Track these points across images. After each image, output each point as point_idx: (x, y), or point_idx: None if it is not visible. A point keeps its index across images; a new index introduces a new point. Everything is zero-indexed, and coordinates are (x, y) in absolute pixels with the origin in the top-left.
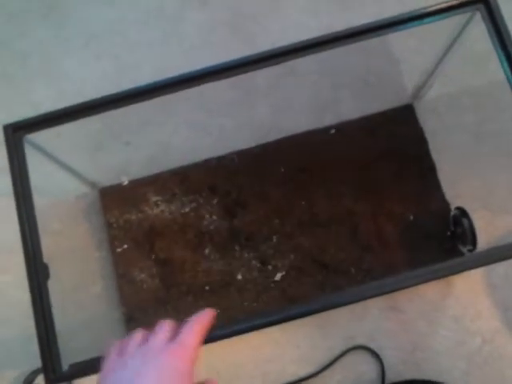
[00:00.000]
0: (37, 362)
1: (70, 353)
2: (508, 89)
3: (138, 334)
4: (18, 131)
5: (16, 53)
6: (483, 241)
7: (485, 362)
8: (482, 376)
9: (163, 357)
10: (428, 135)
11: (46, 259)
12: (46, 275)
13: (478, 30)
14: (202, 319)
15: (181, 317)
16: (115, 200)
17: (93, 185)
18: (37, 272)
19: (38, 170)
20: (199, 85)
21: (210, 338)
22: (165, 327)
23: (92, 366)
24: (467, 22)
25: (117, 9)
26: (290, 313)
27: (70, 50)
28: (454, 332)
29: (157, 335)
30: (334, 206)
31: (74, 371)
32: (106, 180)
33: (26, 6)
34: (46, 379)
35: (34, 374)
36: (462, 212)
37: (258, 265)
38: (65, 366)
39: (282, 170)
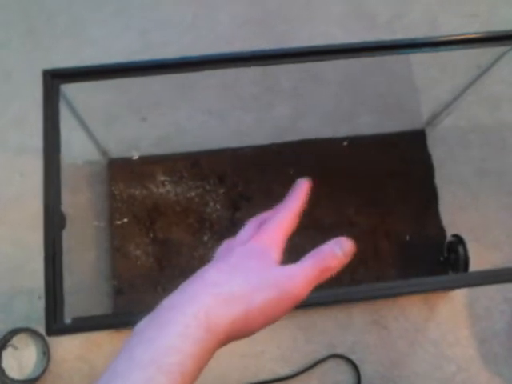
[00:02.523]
0: (16, 323)
1: None
2: None
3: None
4: (55, 79)
5: (44, 9)
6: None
7: None
8: None
9: (242, 246)
10: (435, 162)
11: None
12: (63, 225)
13: (502, 69)
14: (291, 204)
15: None
16: (122, 173)
17: (104, 153)
18: (54, 219)
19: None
20: (220, 68)
21: None
22: (251, 221)
23: (95, 323)
24: (498, 58)
25: None
26: None
27: (99, 16)
28: (432, 355)
29: (242, 229)
30: (336, 214)
31: (77, 325)
32: (117, 151)
33: None
34: (48, 329)
35: (11, 333)
36: (459, 239)
37: None
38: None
39: (292, 171)
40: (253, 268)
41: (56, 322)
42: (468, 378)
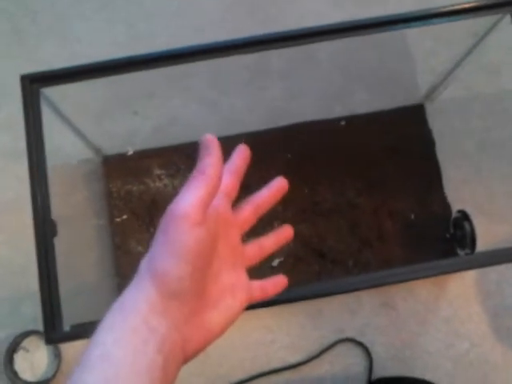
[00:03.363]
0: (25, 325)
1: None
2: None
3: None
4: (34, 83)
5: (27, 9)
6: (480, 247)
7: (470, 365)
8: (467, 378)
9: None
10: (436, 137)
11: None
12: (54, 232)
13: (499, 37)
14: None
15: None
16: (118, 169)
17: (97, 151)
18: (44, 228)
19: (46, 128)
20: (211, 58)
21: None
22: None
23: (95, 328)
24: (493, 26)
25: None
26: (285, 296)
27: (83, 13)
28: (444, 333)
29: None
30: (337, 197)
31: (76, 332)
32: (111, 148)
33: None
34: (47, 338)
35: (22, 336)
36: (464, 215)
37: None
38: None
39: (289, 155)
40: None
41: (55, 331)
42: (482, 353)
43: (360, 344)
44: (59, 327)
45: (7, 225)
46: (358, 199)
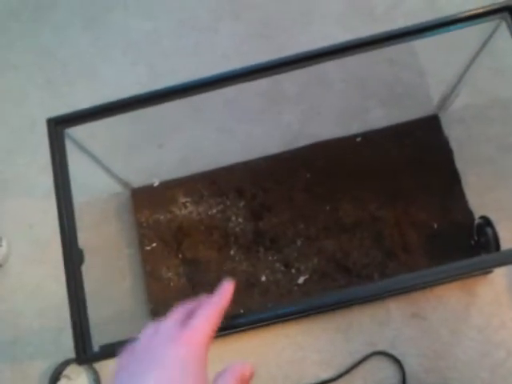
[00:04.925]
0: (66, 354)
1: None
2: None
3: (150, 325)
4: (59, 124)
5: (57, 60)
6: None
7: (509, 374)
8: None
9: (170, 346)
10: (453, 145)
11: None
12: (81, 259)
13: (505, 40)
14: (219, 300)
15: None
16: (146, 200)
17: (125, 185)
18: (72, 255)
19: (74, 166)
20: (227, 86)
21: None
22: (176, 312)
23: (121, 347)
24: (493, 32)
25: (153, 20)
26: (313, 305)
27: (108, 59)
28: (478, 342)
29: (166, 321)
30: (359, 212)
31: (105, 352)
32: (138, 180)
33: (69, 18)
34: (78, 359)
35: (64, 365)
36: (486, 221)
37: (282, 267)
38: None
39: (308, 175)
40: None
41: (85, 352)
42: None
43: (392, 357)
44: (89, 348)
45: (50, 259)
46: (379, 212)
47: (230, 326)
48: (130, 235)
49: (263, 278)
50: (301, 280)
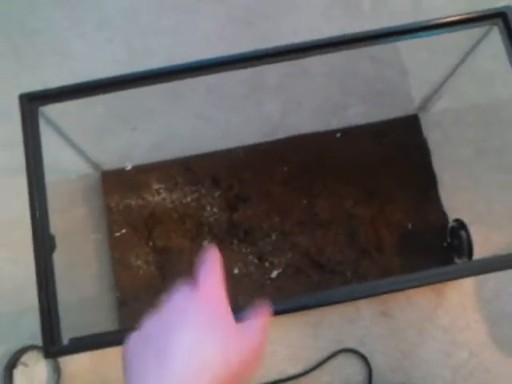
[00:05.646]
0: (24, 340)
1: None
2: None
3: (151, 314)
4: (33, 101)
5: (26, 29)
6: (478, 255)
7: (470, 375)
8: None
9: (188, 306)
10: (431, 147)
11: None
12: (53, 246)
13: (490, 47)
14: (212, 263)
15: None
16: (117, 184)
17: (96, 167)
18: (43, 242)
19: (44, 144)
20: (208, 74)
21: None
22: (177, 289)
23: (93, 342)
24: (483, 37)
25: None
26: (285, 307)
27: (81, 32)
28: (443, 343)
29: (173, 295)
30: (335, 208)
31: (75, 346)
32: (110, 163)
33: None
34: (46, 352)
35: (21, 352)
36: (461, 224)
37: (255, 260)
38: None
39: (286, 168)
40: (217, 325)
41: (53, 345)
42: (481, 362)
43: (359, 354)
44: (58, 341)
45: (10, 241)
46: (355, 209)
47: None
48: (98, 220)
49: (236, 271)
50: (274, 274)
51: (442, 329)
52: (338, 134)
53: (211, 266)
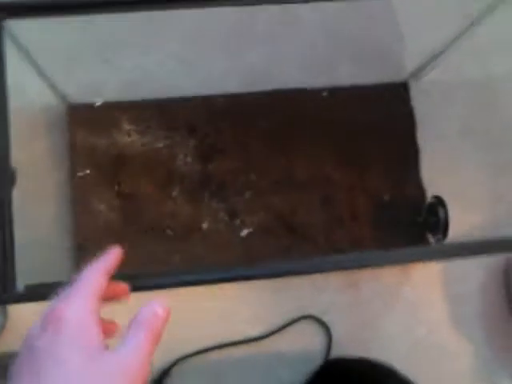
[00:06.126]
0: None
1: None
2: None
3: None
4: None
5: None
6: (450, 234)
7: (425, 351)
8: (420, 363)
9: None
10: (418, 117)
11: None
12: (13, 181)
13: (492, 23)
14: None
15: (135, 255)
16: (84, 120)
17: (63, 98)
18: (3, 175)
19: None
20: (190, 7)
21: (154, 285)
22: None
23: (51, 291)
24: (489, 11)
25: None
26: (249, 273)
27: None
28: (404, 318)
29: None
30: (313, 170)
31: (31, 294)
32: (78, 96)
33: None
34: None
35: None
36: (440, 201)
37: (226, 217)
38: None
39: (267, 123)
40: (80, 365)
41: (6, 292)
42: (438, 340)
43: (322, 322)
44: (12, 288)
45: None
46: (334, 174)
47: (146, 286)
48: (60, 157)
49: (204, 226)
50: (244, 233)
51: (406, 304)
52: (325, 93)
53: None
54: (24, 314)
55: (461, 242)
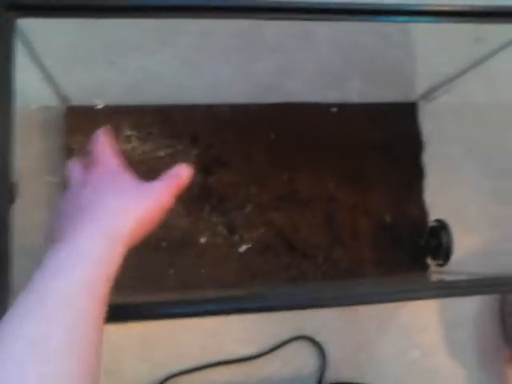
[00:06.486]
0: None
1: None
2: None
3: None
4: (11, 11)
5: None
6: None
7: (419, 375)
8: None
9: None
10: (425, 139)
11: None
12: (13, 198)
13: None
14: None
15: (129, 267)
16: (83, 123)
17: (62, 98)
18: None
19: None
20: (201, 18)
21: (157, 315)
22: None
23: None
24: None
25: None
26: (246, 306)
27: None
28: (399, 340)
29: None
30: (316, 188)
31: None
32: (78, 98)
33: None
34: None
35: None
36: (443, 225)
37: (225, 231)
38: None
39: (272, 136)
40: (124, 184)
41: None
42: (431, 364)
43: (316, 343)
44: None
45: None
46: (337, 193)
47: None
48: (55, 161)
49: (202, 240)
50: (242, 248)
51: (401, 327)
52: (334, 109)
53: (104, 140)
54: None
55: (460, 281)
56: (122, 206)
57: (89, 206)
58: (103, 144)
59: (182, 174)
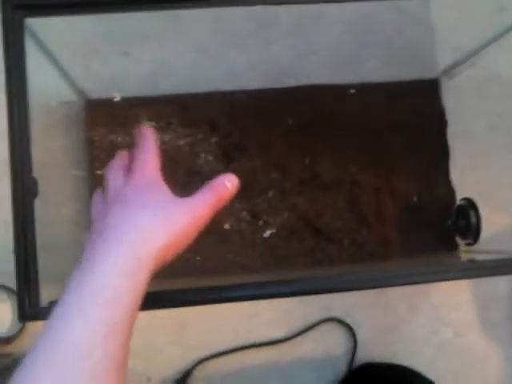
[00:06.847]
0: None
1: None
2: None
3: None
4: (18, 11)
5: None
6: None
7: (451, 354)
8: (446, 366)
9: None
10: (449, 117)
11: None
12: (35, 192)
13: None
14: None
15: None
16: (102, 116)
17: (81, 93)
18: (24, 187)
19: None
20: (212, 6)
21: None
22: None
23: None
24: None
25: None
26: (275, 291)
27: None
28: (431, 320)
29: (111, 179)
30: (339, 171)
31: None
32: (96, 91)
33: None
34: (22, 316)
35: None
36: (471, 204)
37: (249, 217)
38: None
39: (291, 121)
40: (157, 199)
41: (30, 307)
42: (464, 343)
43: (346, 325)
44: (36, 304)
45: None
46: (360, 175)
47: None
48: (78, 155)
49: (226, 226)
50: (267, 234)
51: (433, 306)
52: (352, 90)
53: (147, 147)
54: None
55: (492, 261)
56: (151, 226)
57: (116, 224)
58: (149, 152)
59: (227, 184)
